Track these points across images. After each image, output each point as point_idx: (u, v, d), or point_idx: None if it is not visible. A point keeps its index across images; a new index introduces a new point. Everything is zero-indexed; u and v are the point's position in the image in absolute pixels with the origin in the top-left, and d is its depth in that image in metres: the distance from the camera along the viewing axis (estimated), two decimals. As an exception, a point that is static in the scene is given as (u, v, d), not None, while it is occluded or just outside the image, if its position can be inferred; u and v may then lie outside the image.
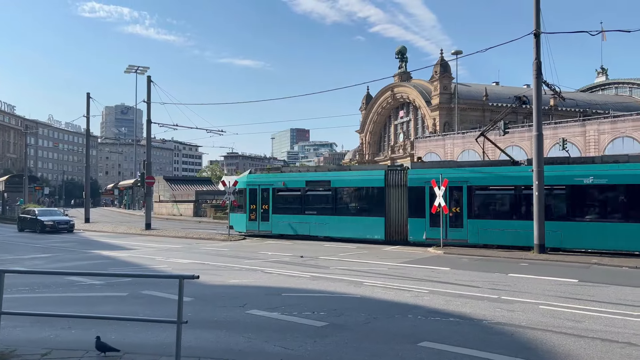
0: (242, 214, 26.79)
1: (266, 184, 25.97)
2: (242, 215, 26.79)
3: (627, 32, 18.55)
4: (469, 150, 62.52)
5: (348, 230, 23.30)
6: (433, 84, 76.44)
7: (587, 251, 18.53)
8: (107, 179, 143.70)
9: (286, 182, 25.49)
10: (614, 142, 50.99)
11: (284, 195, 25.60)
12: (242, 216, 26.78)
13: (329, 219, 23.85)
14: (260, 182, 26.26)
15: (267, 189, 25.88)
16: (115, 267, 15.83)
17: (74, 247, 22.75)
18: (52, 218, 32.46)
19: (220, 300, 10.12)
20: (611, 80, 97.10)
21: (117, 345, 6.82)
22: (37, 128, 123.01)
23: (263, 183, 26.16)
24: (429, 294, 10.81)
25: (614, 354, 6.56)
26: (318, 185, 24.61)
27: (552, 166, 19.21)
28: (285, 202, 25.54)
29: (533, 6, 18.72)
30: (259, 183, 26.30)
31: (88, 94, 41.87)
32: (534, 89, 19.17)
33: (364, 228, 22.88)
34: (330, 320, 8.29)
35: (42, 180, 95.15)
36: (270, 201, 25.58)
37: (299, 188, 25.02)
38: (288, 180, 25.59)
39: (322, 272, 14.14)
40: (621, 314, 8.87)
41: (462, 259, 17.70)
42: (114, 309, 9.48)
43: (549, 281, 12.64)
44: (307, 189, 24.72)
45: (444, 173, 20.26)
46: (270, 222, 25.56)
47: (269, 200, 25.62)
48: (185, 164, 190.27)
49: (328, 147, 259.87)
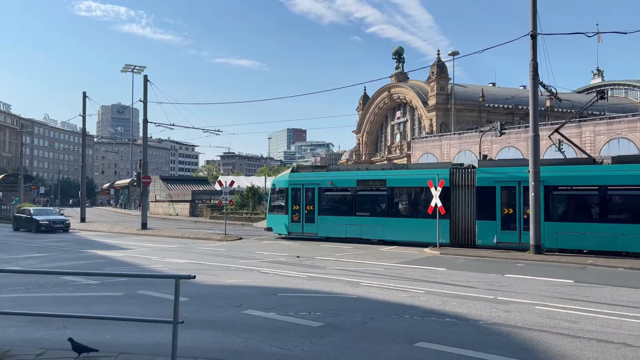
0: (283, 215, 25.13)
1: (311, 183, 24.38)
2: (283, 217, 25.13)
3: (623, 34, 18.61)
4: (466, 151, 62.67)
5: (406, 233, 21.77)
6: (430, 85, 76.60)
7: (584, 252, 18.50)
8: (103, 179, 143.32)
9: (334, 181, 23.93)
10: (610, 143, 51.21)
11: (332, 195, 24.27)
12: (283, 217, 25.13)
13: (385, 221, 22.31)
14: (304, 181, 24.61)
15: (312, 188, 24.30)
16: (111, 266, 15.78)
17: (69, 246, 22.66)
18: (48, 217, 32.29)
19: (217, 300, 10.10)
20: (607, 82, 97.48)
21: (113, 345, 6.81)
22: (33, 127, 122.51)
23: (307, 182, 24.53)
24: (426, 294, 10.82)
25: (609, 355, 6.58)
26: (371, 184, 22.99)
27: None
28: (333, 203, 24.29)
29: (530, 7, 18.77)
30: (302, 182, 24.63)
31: (84, 93, 41.75)
32: (530, 90, 19.22)
33: (425, 231, 21.10)
34: (327, 321, 8.29)
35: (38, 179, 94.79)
36: (316, 201, 24.06)
37: (349, 187, 23.45)
38: (336, 179, 23.97)
39: (319, 272, 14.13)
40: (617, 314, 8.90)
41: (458, 259, 17.73)
42: (110, 308, 9.45)
43: (544, 282, 12.67)
44: (358, 188, 23.12)
45: (517, 172, 19.23)
46: (316, 224, 24.04)
47: (315, 201, 24.08)
48: (181, 164, 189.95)
49: (325, 147, 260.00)
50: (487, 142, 57.78)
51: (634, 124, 50.57)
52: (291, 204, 24.80)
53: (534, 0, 18.67)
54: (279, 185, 25.71)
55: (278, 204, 25.66)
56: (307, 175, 25.29)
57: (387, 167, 24.39)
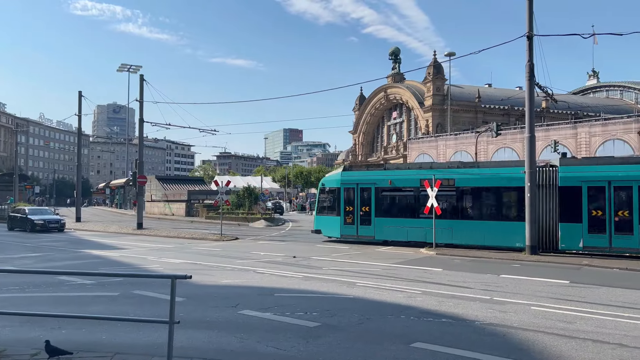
0: (334, 217, 23.52)
1: (367, 183, 22.68)
2: (334, 219, 23.53)
3: (619, 35, 18.70)
4: (462, 151, 62.81)
5: (478, 236, 20.24)
6: (426, 86, 76.71)
7: (584, 253, 18.37)
8: (99, 178, 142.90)
9: (394, 180, 22.24)
10: (605, 144, 51.44)
11: (391, 195, 22.67)
12: (334, 219, 23.53)
13: (453, 224, 20.76)
14: (359, 180, 22.93)
15: (368, 188, 22.64)
16: (107, 266, 15.72)
17: (64, 246, 22.57)
18: (43, 217, 32.16)
19: (213, 300, 10.07)
20: (602, 83, 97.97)
21: (109, 346, 6.78)
22: (28, 126, 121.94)
23: (363, 181, 22.86)
24: (422, 294, 10.82)
25: (605, 355, 6.60)
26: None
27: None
28: (392, 204, 22.66)
29: (526, 9, 18.83)
30: (357, 181, 22.97)
31: (80, 93, 41.58)
32: (526, 91, 19.27)
33: (499, 234, 19.83)
34: (323, 321, 8.28)
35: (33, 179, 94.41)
36: (373, 202, 22.34)
37: (412, 187, 21.76)
38: (396, 178, 22.29)
39: (315, 272, 14.12)
40: (612, 315, 8.93)
41: (455, 260, 17.75)
42: (105, 308, 9.41)
43: (540, 282, 12.71)
44: (422, 188, 20.97)
45: (607, 171, 18.14)
46: (373, 227, 22.32)
47: (371, 202, 22.38)
48: (177, 164, 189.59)
49: (321, 147, 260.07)
50: (483, 142, 57.97)
51: (629, 125, 50.81)
52: (344, 205, 23.24)
53: (530, 2, 18.74)
54: (330, 185, 24.15)
55: (328, 204, 24.21)
56: (362, 174, 23.62)
57: (454, 166, 22.59)
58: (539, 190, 19.27)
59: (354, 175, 23.61)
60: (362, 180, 23.00)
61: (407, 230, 21.60)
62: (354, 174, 23.95)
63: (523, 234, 18.78)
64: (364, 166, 26.30)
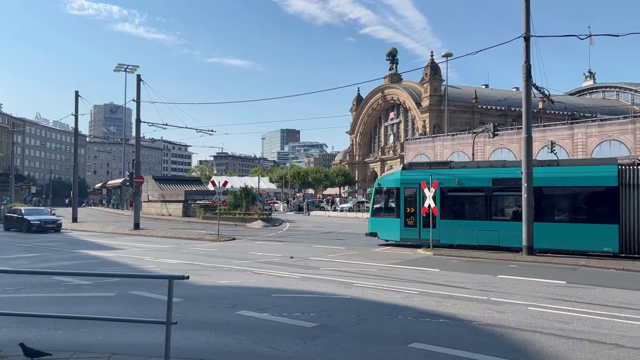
0: (393, 219, 21.99)
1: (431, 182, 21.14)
2: (393, 221, 21.99)
3: (615, 37, 18.75)
4: (459, 152, 62.93)
5: (559, 240, 18.85)
6: (423, 86, 76.82)
7: (575, 253, 18.57)
8: (96, 178, 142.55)
9: (461, 179, 20.76)
10: (601, 145, 51.61)
11: (459, 196, 21.05)
12: (393, 222, 21.99)
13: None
14: (422, 180, 21.01)
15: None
16: (103, 267, 15.68)
17: (61, 246, 22.50)
18: (39, 217, 32.05)
19: (210, 301, 10.05)
20: (599, 84, 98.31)
21: (106, 346, 6.76)
22: (24, 126, 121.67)
23: (425, 181, 21.13)
24: (419, 295, 10.83)
25: (601, 356, 6.61)
26: (512, 183, 19.72)
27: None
28: (460, 205, 21.10)
29: (523, 9, 18.86)
30: (418, 180, 21.12)
31: (76, 92, 41.51)
32: (523, 92, 19.30)
33: (584, 238, 18.41)
34: (321, 321, 8.27)
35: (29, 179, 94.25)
36: (438, 203, 20.54)
37: (482, 187, 20.37)
38: (464, 177, 20.83)
39: (312, 273, 14.12)
40: (609, 315, 8.95)
41: (452, 260, 17.77)
42: (102, 309, 9.38)
43: (537, 283, 12.73)
44: (494, 188, 20.00)
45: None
46: (438, 229, 20.67)
47: (436, 202, 20.51)
48: (174, 164, 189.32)
49: (318, 147, 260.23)
50: (480, 143, 58.10)
51: (625, 126, 51.01)
52: (404, 206, 21.67)
53: (527, 3, 18.77)
54: (387, 185, 22.60)
55: (385, 206, 22.59)
56: (425, 174, 21.47)
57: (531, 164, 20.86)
58: (630, 190, 18.05)
59: (416, 175, 21.84)
60: (425, 179, 21.14)
61: (477, 234, 20.21)
62: (415, 173, 22.17)
63: (612, 236, 17.87)
64: (426, 164, 24.40)
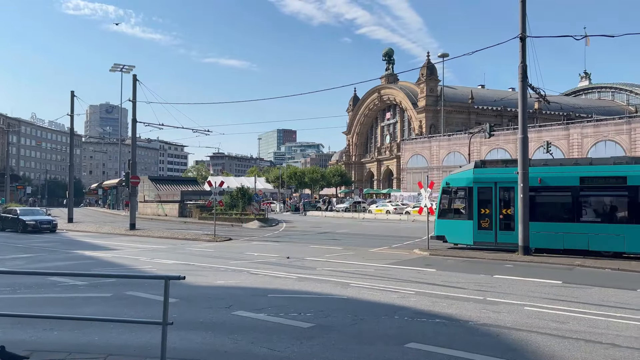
0: (464, 221, 20.45)
1: (509, 181, 19.55)
2: (464, 223, 20.41)
3: (611, 37, 18.83)
4: (455, 152, 63.09)
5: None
6: (419, 87, 76.92)
7: (571, 253, 18.58)
8: (91, 179, 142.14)
9: (545, 178, 19.24)
10: (597, 145, 51.82)
11: (541, 195, 19.43)
12: (464, 224, 20.43)
13: (626, 229, 17.72)
14: (498, 179, 19.87)
15: (510, 187, 19.61)
16: (99, 267, 15.63)
17: (56, 247, 22.41)
18: (34, 218, 31.92)
19: (206, 301, 10.03)
20: (594, 85, 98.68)
21: (101, 347, 6.73)
22: (20, 126, 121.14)
23: (503, 179, 19.83)
24: (415, 295, 10.84)
25: (597, 355, 6.63)
26: (604, 182, 18.47)
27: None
28: (542, 206, 19.37)
29: (519, 10, 18.90)
30: (495, 179, 19.91)
31: (72, 92, 41.33)
32: (519, 92, 19.34)
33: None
34: (317, 322, 8.27)
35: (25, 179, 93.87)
36: (517, 204, 19.10)
37: (569, 187, 18.88)
38: (548, 176, 19.27)
39: (309, 273, 14.11)
40: (604, 315, 8.98)
41: (448, 260, 17.79)
42: (98, 310, 9.35)
43: (533, 282, 12.76)
44: (582, 187, 18.60)
45: None
46: (517, 232, 19.04)
47: (515, 203, 19.26)
48: (170, 164, 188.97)
49: (315, 148, 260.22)
50: (476, 143, 58.27)
51: (621, 126, 51.24)
52: (477, 207, 20.16)
53: (523, 3, 18.82)
54: (458, 184, 21.02)
55: (455, 206, 21.09)
56: (502, 172, 20.25)
57: (622, 161, 19.27)
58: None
59: (491, 173, 20.50)
60: (502, 178, 19.92)
61: (563, 237, 18.76)
62: (490, 171, 20.77)
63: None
64: (501, 162, 22.96)
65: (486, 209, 20.09)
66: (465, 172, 21.52)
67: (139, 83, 33.81)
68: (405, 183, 69.84)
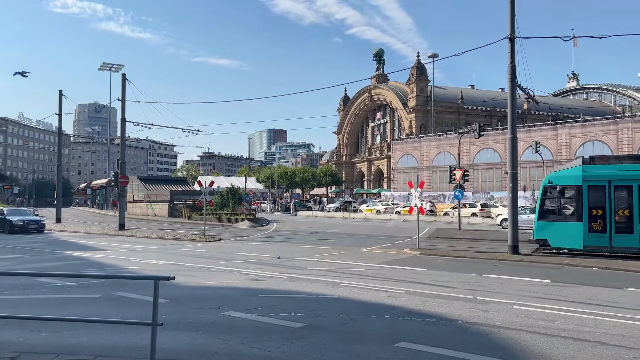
0: (572, 223, 18.48)
1: (626, 179, 17.79)
2: (571, 225, 18.47)
3: (599, 38, 19.03)
4: (445, 152, 63.37)
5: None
6: (410, 87, 77.17)
7: (560, 252, 18.75)
8: (80, 179, 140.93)
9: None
10: (585, 145, 52.35)
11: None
12: (572, 226, 18.48)
13: None
14: (613, 176, 18.00)
15: (627, 186, 17.77)
16: (88, 268, 15.50)
17: (44, 247, 22.20)
18: (22, 218, 31.62)
19: (196, 301, 9.99)
20: (582, 85, 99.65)
21: (90, 348, 6.67)
22: (7, 125, 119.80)
23: (619, 177, 17.96)
24: (406, 294, 10.87)
25: (585, 353, 6.69)
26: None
27: None
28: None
29: (508, 11, 19.04)
30: (608, 177, 18.06)
31: (60, 92, 41.00)
32: (508, 93, 19.49)
33: None
34: (308, 322, 8.26)
35: (12, 179, 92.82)
36: (636, 205, 17.57)
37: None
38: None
39: (299, 273, 14.10)
40: (592, 313, 9.07)
41: (438, 259, 17.87)
42: (86, 311, 9.26)
43: (522, 282, 12.86)
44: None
45: None
46: (638, 235, 17.51)
47: (634, 204, 17.59)
48: (160, 164, 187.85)
49: (305, 147, 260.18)
50: (466, 143, 58.54)
51: (608, 126, 51.79)
52: (587, 208, 18.26)
53: (512, 4, 18.96)
54: (563, 182, 19.08)
55: (560, 207, 19.14)
56: (617, 169, 18.43)
57: None
58: None
59: (603, 170, 18.63)
60: (617, 176, 18.11)
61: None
62: (602, 167, 18.84)
63: None
64: (614, 158, 20.82)
65: (598, 210, 18.17)
66: (571, 170, 19.58)
67: (128, 82, 33.64)
68: (395, 183, 70.08)
